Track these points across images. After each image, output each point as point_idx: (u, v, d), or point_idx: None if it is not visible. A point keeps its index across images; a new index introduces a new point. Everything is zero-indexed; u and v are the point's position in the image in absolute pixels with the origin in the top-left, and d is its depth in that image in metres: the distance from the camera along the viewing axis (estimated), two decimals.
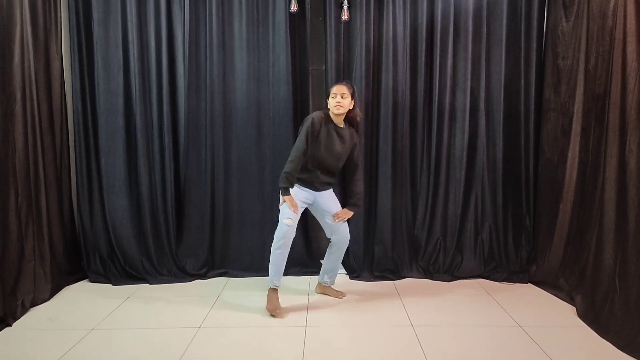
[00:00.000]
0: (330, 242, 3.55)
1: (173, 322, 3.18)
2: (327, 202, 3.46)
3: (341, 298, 3.62)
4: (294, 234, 3.33)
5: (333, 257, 3.56)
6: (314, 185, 3.38)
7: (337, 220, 3.42)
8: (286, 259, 3.37)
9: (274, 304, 3.31)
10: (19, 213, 3.38)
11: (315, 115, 3.27)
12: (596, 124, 3.31)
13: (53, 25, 3.77)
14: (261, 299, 3.53)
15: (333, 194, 3.55)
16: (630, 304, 2.81)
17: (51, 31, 3.75)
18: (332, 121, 3.31)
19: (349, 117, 3.39)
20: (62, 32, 3.89)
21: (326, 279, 3.64)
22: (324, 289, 3.69)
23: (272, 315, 3.26)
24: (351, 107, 3.31)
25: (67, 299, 3.62)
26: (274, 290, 3.37)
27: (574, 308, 3.32)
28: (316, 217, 3.59)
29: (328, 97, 3.31)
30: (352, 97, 3.28)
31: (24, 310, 3.29)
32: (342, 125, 3.37)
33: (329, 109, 3.32)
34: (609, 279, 3.04)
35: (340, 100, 3.21)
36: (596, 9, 3.32)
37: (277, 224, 3.92)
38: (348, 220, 3.54)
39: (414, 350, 2.76)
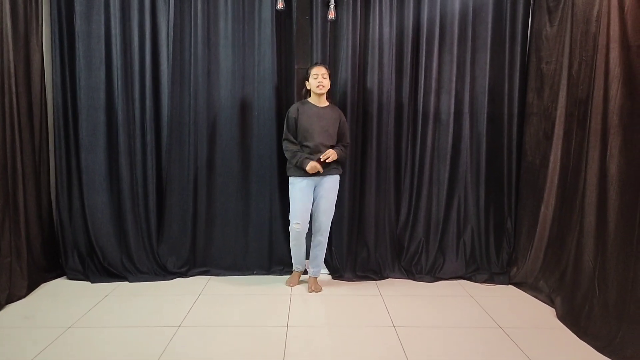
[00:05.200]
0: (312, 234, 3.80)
1: (152, 321, 3.13)
2: (323, 191, 3.65)
3: (309, 292, 3.71)
4: (305, 231, 3.69)
5: (312, 244, 3.79)
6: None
7: (322, 158, 3.52)
8: (304, 248, 3.79)
9: (291, 280, 3.88)
10: None
11: (290, 107, 3.71)
12: (578, 129, 3.34)
13: (34, 17, 3.69)
14: (243, 299, 3.53)
15: (335, 185, 3.69)
16: (609, 307, 2.84)
17: (32, 23, 3.68)
18: (309, 103, 3.67)
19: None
20: (43, 24, 3.81)
21: (310, 269, 3.83)
22: (309, 281, 3.82)
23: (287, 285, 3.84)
24: (329, 87, 3.64)
25: (44, 296, 3.55)
26: (296, 272, 3.89)
27: (554, 310, 3.35)
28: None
29: (308, 79, 3.63)
30: (330, 77, 3.63)
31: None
32: (325, 105, 3.66)
33: (304, 95, 3.72)
34: (588, 281, 3.07)
35: (321, 81, 3.55)
36: (580, 14, 3.35)
37: (261, 222, 3.98)
38: (333, 220, 3.78)
39: (395, 352, 2.75)
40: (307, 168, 3.50)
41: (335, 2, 3.85)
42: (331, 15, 3.84)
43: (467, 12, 3.97)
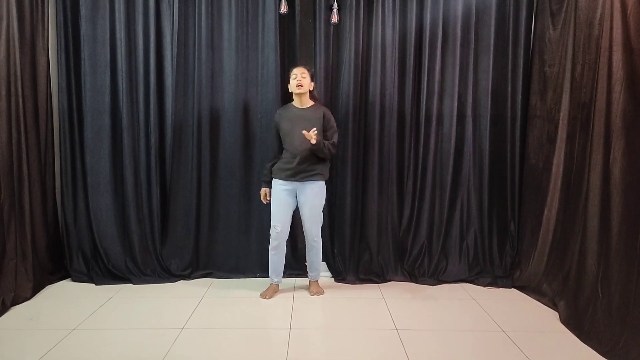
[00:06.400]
0: None
1: (156, 323, 3.15)
2: (305, 198, 3.56)
3: (312, 295, 3.69)
4: (286, 236, 3.65)
5: (306, 249, 3.77)
6: (293, 175, 3.52)
7: (308, 133, 3.29)
8: (283, 259, 3.68)
9: (266, 291, 3.68)
10: (1, 210, 3.35)
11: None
12: (581, 132, 3.34)
13: (40, 21, 3.73)
14: (246, 301, 3.55)
15: (319, 192, 3.58)
16: (613, 311, 2.83)
17: (38, 27, 3.71)
18: (291, 105, 3.60)
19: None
20: (49, 28, 3.85)
21: (309, 273, 3.81)
22: (310, 284, 3.80)
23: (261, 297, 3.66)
24: (311, 89, 3.56)
25: (49, 298, 3.57)
26: (273, 285, 3.72)
27: (557, 313, 3.34)
28: None
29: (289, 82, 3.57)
30: (312, 78, 3.55)
31: (5, 309, 3.25)
32: (307, 106, 3.57)
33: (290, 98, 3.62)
34: (591, 285, 3.07)
35: (300, 79, 3.46)
36: (583, 17, 3.35)
37: (263, 225, 3.98)
38: (336, 223, 3.84)
39: (398, 355, 2.75)
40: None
41: (338, 6, 3.87)
42: (334, 18, 3.86)
43: (470, 15, 3.97)
